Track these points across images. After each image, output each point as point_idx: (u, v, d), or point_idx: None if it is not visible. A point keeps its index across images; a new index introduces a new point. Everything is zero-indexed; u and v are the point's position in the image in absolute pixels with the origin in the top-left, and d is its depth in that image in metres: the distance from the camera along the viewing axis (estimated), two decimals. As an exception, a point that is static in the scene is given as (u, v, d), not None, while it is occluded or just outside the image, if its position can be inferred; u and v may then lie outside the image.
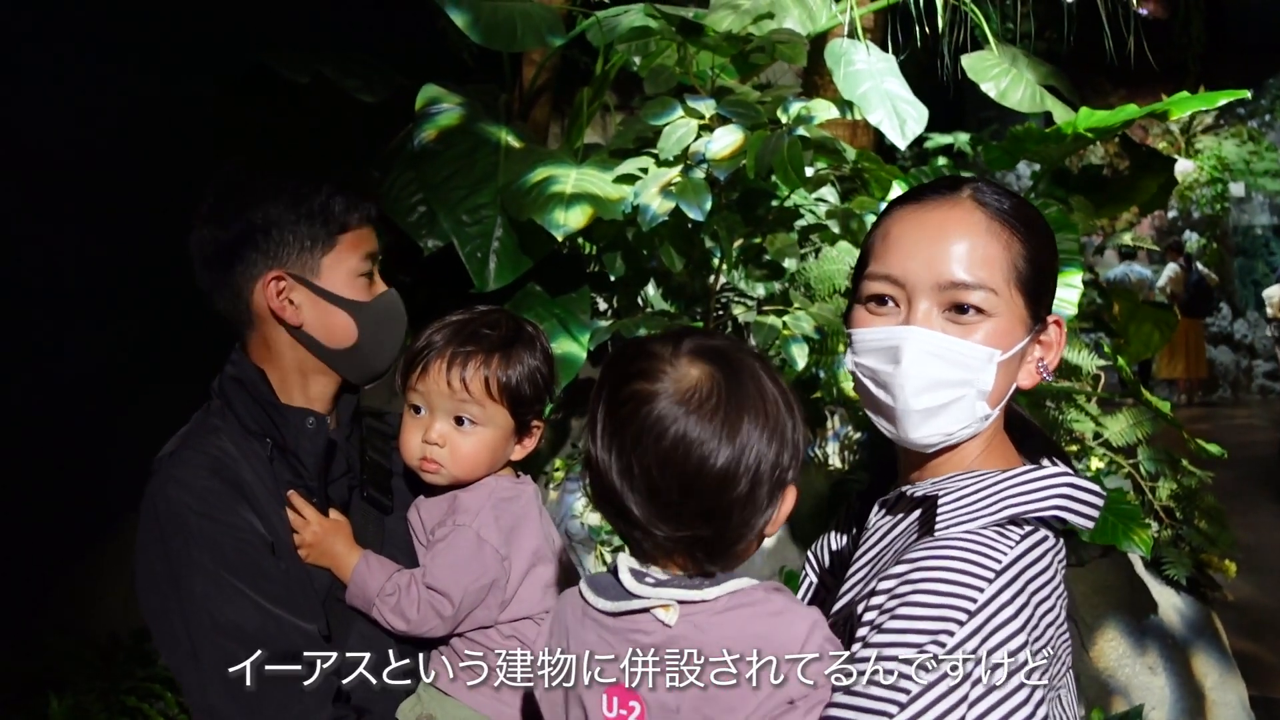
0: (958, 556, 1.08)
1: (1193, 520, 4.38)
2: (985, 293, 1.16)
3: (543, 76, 4.04)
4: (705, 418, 1.04)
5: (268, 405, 1.49)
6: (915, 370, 1.16)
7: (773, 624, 1.07)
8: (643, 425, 1.04)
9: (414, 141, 3.35)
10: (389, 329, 1.54)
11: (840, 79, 3.62)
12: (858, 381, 1.24)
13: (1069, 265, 3.12)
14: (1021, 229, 1.19)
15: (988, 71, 3.97)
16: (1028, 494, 1.14)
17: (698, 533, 1.06)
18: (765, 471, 1.06)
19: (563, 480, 3.94)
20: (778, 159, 2.97)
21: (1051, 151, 3.71)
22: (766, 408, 1.07)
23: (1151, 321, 5.86)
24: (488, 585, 1.44)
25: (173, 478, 1.41)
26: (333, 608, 1.47)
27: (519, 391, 1.49)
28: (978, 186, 1.23)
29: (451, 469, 1.49)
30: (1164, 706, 4.13)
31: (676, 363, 1.07)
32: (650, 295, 3.99)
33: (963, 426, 1.18)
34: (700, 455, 1.03)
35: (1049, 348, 1.24)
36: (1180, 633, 4.32)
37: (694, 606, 1.07)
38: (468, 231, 3.24)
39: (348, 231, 1.49)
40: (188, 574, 1.36)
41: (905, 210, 1.23)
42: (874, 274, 1.21)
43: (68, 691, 3.17)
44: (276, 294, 1.49)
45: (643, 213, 3.06)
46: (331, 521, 1.49)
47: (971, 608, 1.05)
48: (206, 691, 1.35)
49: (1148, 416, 4.26)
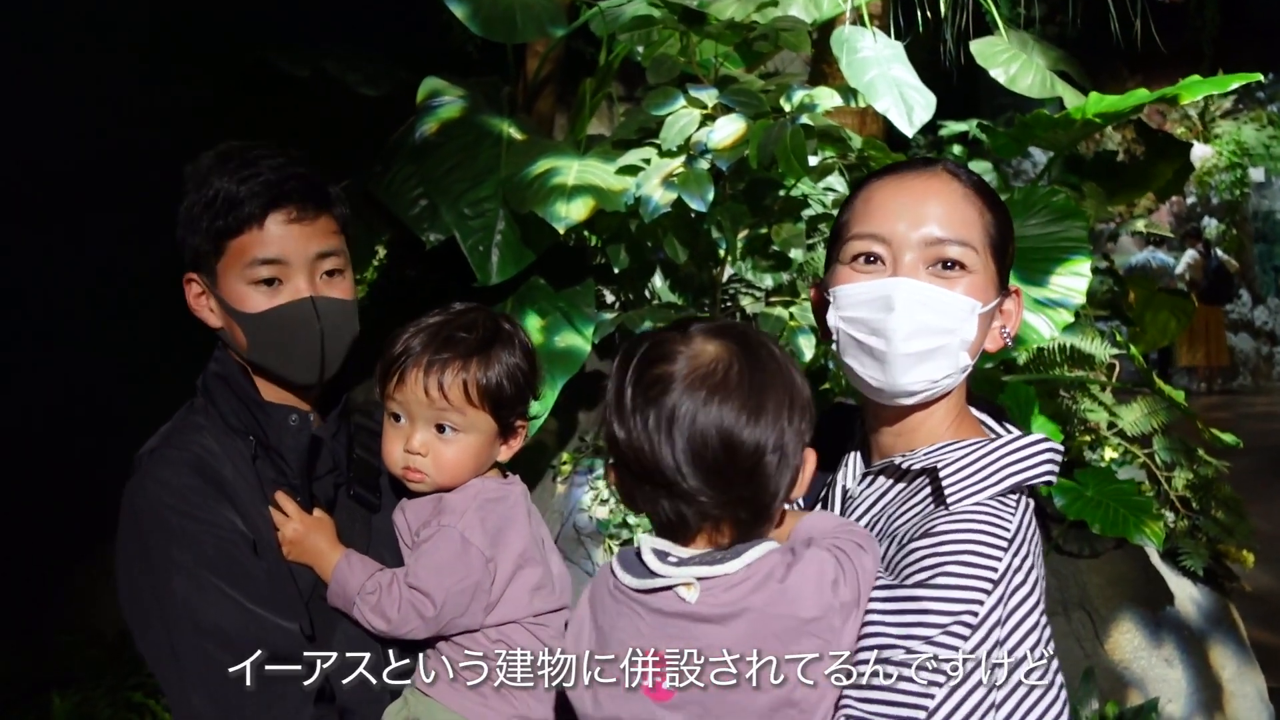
0: (977, 530, 1.17)
1: (1209, 510, 4.33)
2: (966, 249, 1.26)
3: (546, 68, 4.01)
4: (734, 387, 1.11)
5: (250, 402, 1.47)
6: (907, 316, 1.24)
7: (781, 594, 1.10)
8: (677, 401, 1.10)
9: (415, 135, 3.33)
10: (284, 345, 1.45)
11: (846, 66, 3.57)
12: (842, 337, 1.30)
13: (1077, 253, 3.07)
14: (991, 202, 1.31)
15: (997, 57, 3.92)
16: (1024, 462, 1.24)
17: (742, 494, 1.11)
18: (790, 432, 1.13)
19: (570, 474, 3.92)
20: (780, 148, 2.93)
21: (1060, 137, 3.65)
22: (782, 374, 1.14)
23: (1168, 309, 5.81)
24: (472, 587, 1.42)
25: (153, 475, 1.40)
26: (317, 607, 1.45)
27: (500, 393, 1.46)
28: (949, 163, 1.35)
29: (436, 477, 1.47)
30: (1180, 699, 4.08)
31: (691, 343, 1.14)
32: (658, 287, 3.96)
33: (946, 375, 1.27)
34: (736, 422, 1.10)
35: (1009, 316, 1.34)
36: (1197, 624, 4.27)
37: (713, 581, 1.10)
38: (470, 225, 3.22)
39: (236, 236, 1.41)
40: (167, 573, 1.35)
41: (885, 180, 1.33)
42: (860, 234, 1.29)
43: (73, 689, 3.18)
44: (194, 296, 1.48)
45: (645, 204, 3.03)
46: (314, 519, 1.47)
47: (995, 576, 1.14)
48: (186, 691, 1.34)
49: (1163, 406, 4.21)
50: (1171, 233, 12.04)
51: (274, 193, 1.40)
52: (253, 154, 1.43)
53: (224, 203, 1.39)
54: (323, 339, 1.45)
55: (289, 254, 1.42)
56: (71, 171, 3.42)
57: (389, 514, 1.55)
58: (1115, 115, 3.49)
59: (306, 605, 1.44)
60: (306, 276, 1.44)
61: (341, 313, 1.48)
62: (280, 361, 1.46)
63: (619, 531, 3.78)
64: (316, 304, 1.44)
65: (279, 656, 1.33)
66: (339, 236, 1.49)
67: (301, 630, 1.39)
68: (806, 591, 1.11)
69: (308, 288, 1.44)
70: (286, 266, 1.43)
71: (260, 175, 1.40)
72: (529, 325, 3.32)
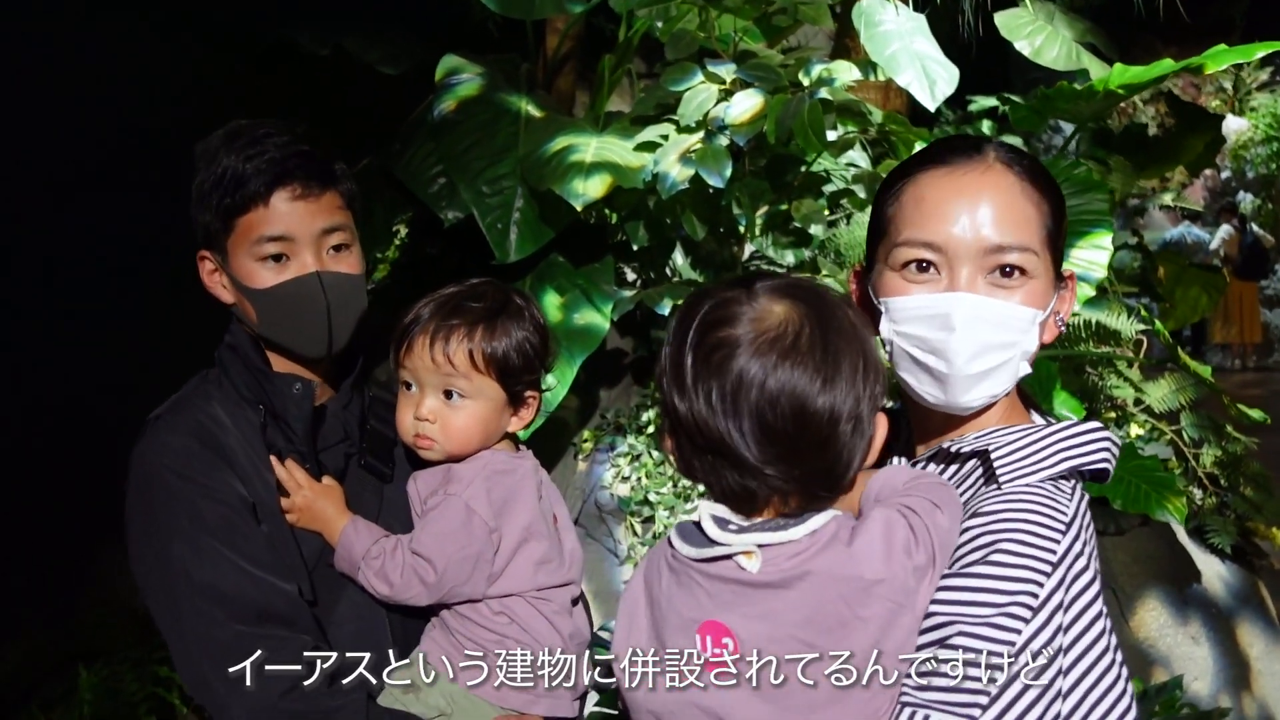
0: (1033, 509, 1.11)
1: (1238, 487, 4.28)
2: (1026, 254, 1.18)
3: (566, 45, 4.00)
4: (805, 353, 1.03)
5: (257, 372, 1.50)
6: (968, 336, 1.17)
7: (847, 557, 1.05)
8: (744, 369, 1.02)
9: (434, 113, 3.33)
10: (292, 319, 1.47)
11: (867, 40, 3.55)
12: (897, 350, 1.22)
13: (1098, 226, 3.03)
14: (1046, 187, 1.23)
15: (1021, 29, 3.87)
16: (1080, 446, 1.18)
17: (814, 466, 1.05)
18: (865, 398, 1.06)
19: (592, 451, 3.93)
20: (798, 123, 2.91)
21: (1083, 109, 3.60)
22: (857, 335, 1.07)
23: (1199, 285, 5.74)
24: (474, 556, 1.43)
25: (155, 440, 1.43)
26: (323, 573, 1.48)
27: (506, 362, 1.46)
28: (998, 146, 1.25)
29: (445, 444, 1.47)
30: (1207, 677, 4.05)
31: (755, 303, 1.06)
32: (678, 264, 3.95)
33: (1005, 388, 1.21)
34: (808, 391, 1.02)
35: (1064, 301, 1.26)
36: (1225, 601, 4.23)
37: (775, 550, 1.05)
38: (488, 203, 3.22)
39: (243, 214, 1.43)
40: (168, 534, 1.39)
41: (933, 174, 1.22)
42: (911, 240, 1.20)
43: (101, 662, 3.23)
44: (207, 274, 1.51)
45: (662, 180, 3.02)
46: (323, 486, 1.49)
47: (1054, 559, 1.08)
48: (186, 646, 1.38)
49: (1190, 382, 4.16)
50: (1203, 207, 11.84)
51: (278, 170, 1.42)
52: (259, 132, 1.44)
53: (231, 181, 1.41)
54: (329, 313, 1.48)
55: (295, 230, 1.44)
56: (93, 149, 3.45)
57: (403, 487, 1.57)
58: (1139, 86, 3.43)
59: (311, 572, 1.46)
60: (313, 252, 1.46)
61: (348, 287, 1.50)
62: (289, 335, 1.49)
63: (640, 509, 3.79)
64: (323, 279, 1.46)
65: (273, 614, 1.37)
66: (345, 212, 1.51)
67: (300, 593, 1.42)
68: (874, 552, 1.04)
69: (314, 263, 1.46)
70: (293, 243, 1.45)
71: (266, 153, 1.42)
72: (547, 303, 3.33)
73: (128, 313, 3.59)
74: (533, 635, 1.45)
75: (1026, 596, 1.06)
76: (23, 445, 3.31)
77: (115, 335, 3.54)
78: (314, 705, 1.35)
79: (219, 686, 1.35)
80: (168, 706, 3.23)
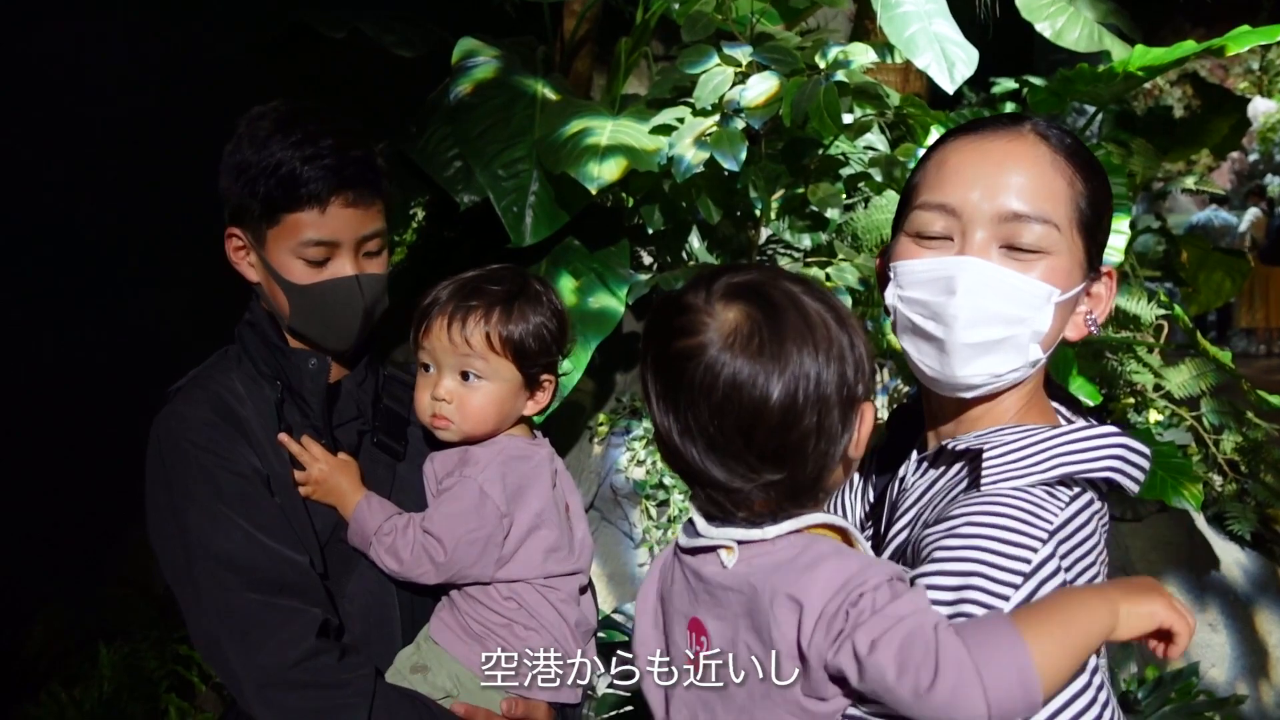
0: (1010, 514, 1.03)
1: (1258, 474, 4.25)
2: (1047, 227, 1.10)
3: (584, 27, 3.98)
4: (750, 358, 0.98)
5: (275, 349, 1.53)
6: (970, 301, 1.10)
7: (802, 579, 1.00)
8: (692, 381, 0.99)
9: (450, 96, 3.33)
10: (326, 317, 1.50)
11: (886, 22, 3.52)
12: (900, 317, 1.17)
13: (1117, 210, 2.98)
14: (1085, 169, 1.14)
15: (1043, 10, 3.82)
16: (1080, 453, 1.09)
17: (771, 478, 1.00)
18: (830, 396, 1.00)
19: (607, 435, 3.94)
20: (814, 105, 2.89)
21: (1103, 92, 3.55)
22: (814, 332, 1.01)
23: (1223, 269, 5.68)
24: (484, 539, 1.45)
25: (175, 412, 1.47)
26: (335, 548, 1.51)
27: (522, 345, 1.49)
28: (1039, 121, 1.17)
29: (461, 425, 1.50)
30: (1225, 664, 4.03)
31: (712, 309, 1.02)
32: (695, 248, 3.94)
33: (1011, 369, 1.13)
34: (754, 397, 0.98)
35: (1098, 301, 1.18)
36: (1243, 589, 4.21)
37: (752, 547, 1.03)
38: (504, 186, 3.22)
39: (293, 212, 1.44)
40: (184, 503, 1.42)
41: (963, 140, 1.17)
42: (927, 204, 1.15)
43: (122, 640, 3.27)
44: (234, 249, 1.53)
45: (677, 164, 3.01)
46: (339, 461, 1.52)
47: (1027, 569, 1.00)
48: (199, 612, 1.40)
49: (1211, 367, 4.13)
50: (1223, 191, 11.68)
51: (338, 179, 1.44)
52: (313, 126, 1.45)
53: (286, 177, 1.42)
54: (364, 315, 1.52)
55: (341, 235, 1.47)
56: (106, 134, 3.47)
57: (415, 466, 1.60)
58: (1160, 68, 3.39)
59: (324, 546, 1.49)
60: (352, 255, 1.49)
61: (379, 286, 1.54)
62: (318, 331, 1.52)
63: (655, 492, 3.80)
64: (360, 282, 1.50)
65: (286, 585, 1.40)
66: (383, 216, 1.54)
67: (312, 564, 1.44)
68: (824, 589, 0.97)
69: (352, 266, 1.49)
70: (337, 246, 1.48)
71: (323, 157, 1.43)
72: (563, 286, 3.33)
73: (150, 294, 3.62)
74: (539, 621, 1.47)
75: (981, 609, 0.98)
76: (45, 427, 3.34)
77: (138, 317, 3.57)
78: (323, 678, 1.37)
79: (231, 653, 1.38)
80: (187, 684, 3.27)
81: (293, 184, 1.42)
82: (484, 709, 1.44)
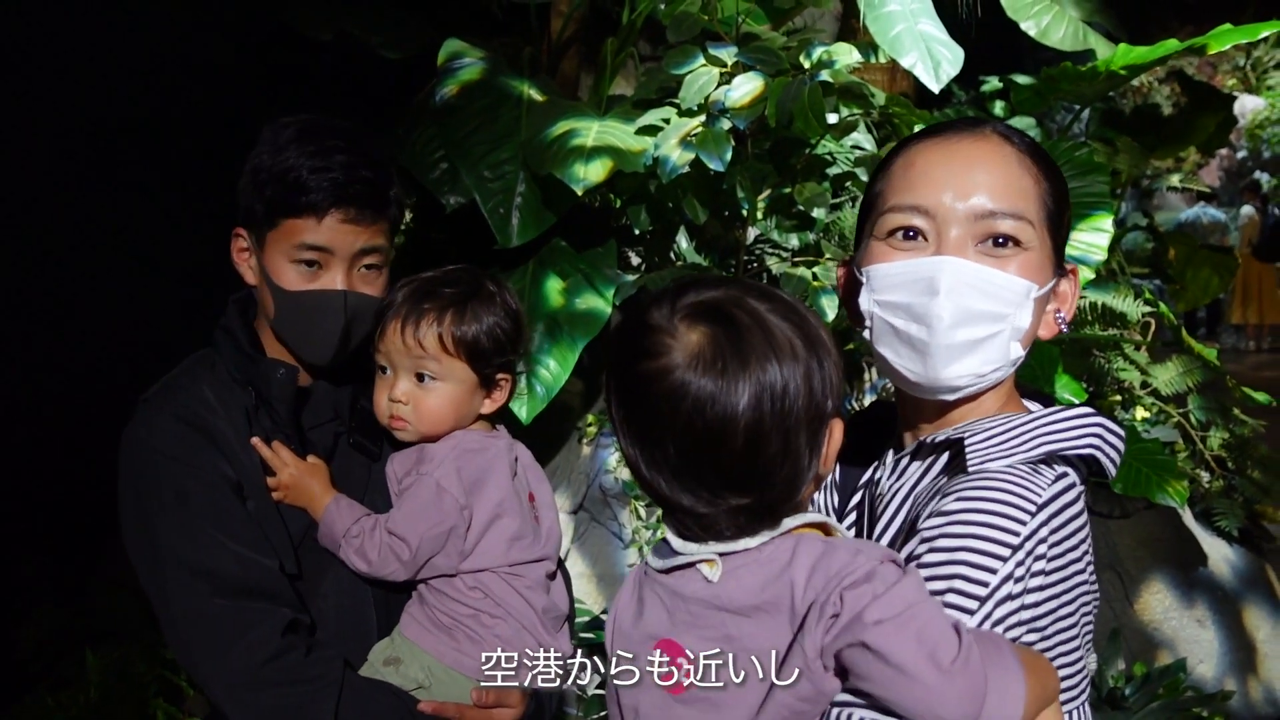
0: (997, 490, 1.05)
1: (1245, 470, 4.27)
2: (1021, 223, 1.12)
3: (570, 28, 3.98)
4: (714, 380, 0.97)
5: (245, 356, 1.55)
6: (953, 301, 1.10)
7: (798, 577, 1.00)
8: (657, 406, 0.98)
9: (436, 97, 3.33)
10: (306, 327, 1.52)
11: (871, 21, 3.52)
12: (878, 323, 1.16)
13: (1099, 209, 3.01)
14: (1046, 168, 1.17)
15: (1028, 9, 3.83)
16: (1061, 432, 1.11)
17: (738, 501, 1.00)
18: (797, 415, 0.99)
19: (596, 435, 3.94)
20: (798, 105, 2.90)
21: (1087, 90, 3.56)
22: (779, 352, 0.99)
23: (1210, 266, 5.70)
24: (445, 532, 1.48)
25: (143, 421, 1.49)
26: (309, 550, 1.53)
27: (475, 345, 1.51)
28: (999, 123, 1.20)
29: (418, 425, 1.53)
30: (1212, 660, 4.05)
31: (676, 330, 1.00)
32: (683, 248, 3.94)
33: (994, 368, 1.14)
34: (719, 420, 0.97)
35: (1064, 299, 1.20)
36: (1231, 585, 4.22)
37: (736, 558, 1.02)
38: (490, 187, 3.22)
39: (291, 218, 1.47)
40: (154, 512, 1.44)
41: (928, 143, 1.18)
42: (899, 206, 1.15)
43: (110, 644, 3.26)
44: (238, 250, 1.57)
45: (662, 164, 3.01)
46: (309, 465, 1.54)
47: (1014, 542, 1.02)
48: (171, 616, 1.44)
49: (1198, 364, 4.14)
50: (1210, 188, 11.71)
51: (339, 194, 1.46)
52: (330, 141, 1.48)
53: (291, 184, 1.45)
54: (345, 333, 1.53)
55: (336, 245, 1.49)
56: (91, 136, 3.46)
57: None
58: (1143, 67, 3.40)
59: (297, 548, 1.52)
60: (345, 270, 1.51)
61: (368, 307, 1.55)
62: (299, 340, 1.55)
63: (644, 493, 3.80)
64: (348, 299, 1.51)
65: (254, 589, 1.42)
66: (386, 236, 1.56)
67: (283, 569, 1.47)
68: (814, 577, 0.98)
69: (344, 280, 1.51)
70: (330, 255, 1.50)
71: (330, 171, 1.46)
72: (550, 287, 3.33)
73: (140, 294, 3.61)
74: (506, 609, 1.50)
75: (973, 583, 1.00)
76: (33, 430, 3.34)
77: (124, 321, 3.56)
78: (292, 674, 1.40)
79: (201, 658, 1.42)
80: (175, 689, 3.27)
81: (296, 190, 1.45)
82: (452, 703, 1.46)
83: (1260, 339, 12.36)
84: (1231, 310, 12.26)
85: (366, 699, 1.43)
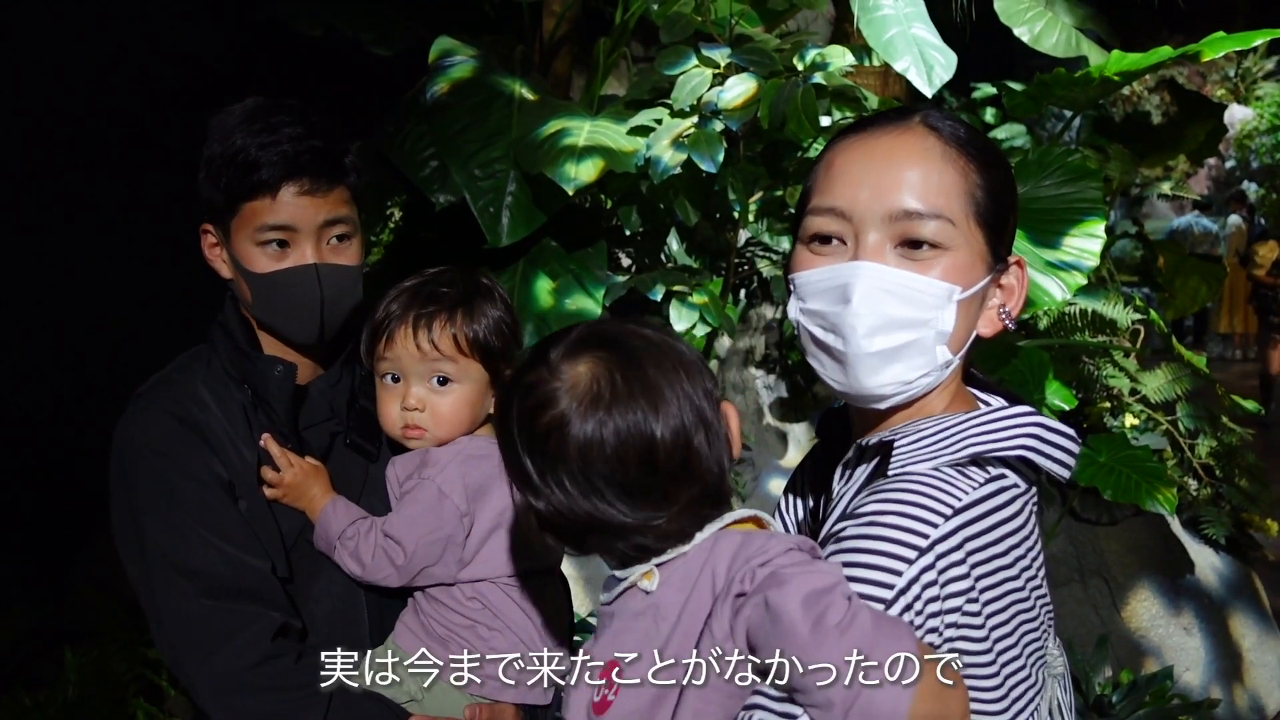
0: (911, 492, 1.01)
1: (1233, 478, 4.28)
2: (941, 223, 1.06)
3: (563, 27, 3.96)
4: (623, 402, 1.01)
5: (242, 353, 1.53)
6: (867, 308, 1.06)
7: (702, 577, 1.03)
8: (579, 442, 1.00)
9: (426, 95, 3.30)
10: (284, 306, 1.49)
11: (865, 25, 3.51)
12: (803, 331, 1.13)
13: (1091, 215, 3.00)
14: (979, 158, 1.10)
15: (1021, 15, 3.83)
16: (991, 432, 1.06)
17: (690, 493, 1.02)
18: (702, 402, 1.04)
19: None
20: (791, 107, 2.88)
21: (1079, 96, 3.56)
22: (663, 351, 1.05)
23: (1199, 274, 5.71)
24: (443, 539, 1.44)
25: (135, 418, 1.47)
26: (302, 551, 1.50)
27: (488, 343, 1.49)
28: (929, 113, 1.13)
29: (434, 431, 1.49)
30: (1199, 667, 4.05)
31: (560, 371, 1.03)
32: (674, 249, 3.93)
33: (921, 374, 1.09)
34: (641, 434, 1.00)
35: (1010, 292, 1.14)
36: (1218, 593, 4.23)
37: (670, 565, 1.04)
38: (480, 186, 3.19)
39: (249, 200, 1.44)
40: (143, 510, 1.42)
41: (850, 140, 1.13)
42: (817, 208, 1.10)
43: (89, 643, 3.23)
44: (208, 246, 1.54)
45: (654, 165, 2.99)
46: (309, 465, 1.51)
47: (923, 544, 0.97)
48: (159, 615, 1.42)
49: (1187, 372, 4.15)
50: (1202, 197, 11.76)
51: (289, 165, 1.43)
52: (275, 118, 1.45)
53: (242, 165, 1.42)
54: (323, 304, 1.50)
55: (298, 222, 1.46)
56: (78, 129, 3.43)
57: None
58: (1136, 73, 3.40)
59: (289, 550, 1.49)
60: (313, 243, 1.48)
61: (345, 278, 1.52)
62: (281, 321, 1.51)
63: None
64: (320, 271, 1.48)
65: (244, 590, 1.40)
66: (350, 205, 1.53)
67: (274, 570, 1.44)
68: (726, 563, 1.01)
69: (313, 254, 1.48)
70: (295, 233, 1.47)
71: (279, 145, 1.43)
72: (540, 287, 3.30)
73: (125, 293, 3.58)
74: (504, 621, 1.46)
75: (878, 585, 0.97)
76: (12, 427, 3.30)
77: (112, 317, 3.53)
78: (279, 680, 1.37)
79: (187, 659, 1.39)
80: (156, 688, 3.23)
81: (247, 170, 1.42)
82: (445, 719, 1.42)
83: (1246, 348, 12.41)
84: (1218, 319, 12.31)
85: (356, 711, 1.39)
